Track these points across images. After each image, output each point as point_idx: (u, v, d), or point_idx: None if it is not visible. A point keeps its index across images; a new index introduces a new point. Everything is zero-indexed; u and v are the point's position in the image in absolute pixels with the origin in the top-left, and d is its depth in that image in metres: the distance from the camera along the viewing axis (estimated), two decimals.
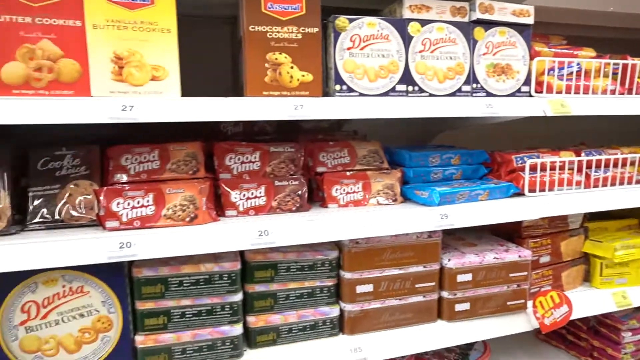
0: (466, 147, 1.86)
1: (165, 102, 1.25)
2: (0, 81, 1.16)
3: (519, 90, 1.68)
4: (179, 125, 1.35)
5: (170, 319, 1.39)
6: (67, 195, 1.36)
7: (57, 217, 1.34)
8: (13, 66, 1.16)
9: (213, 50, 1.94)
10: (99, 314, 1.35)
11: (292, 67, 1.37)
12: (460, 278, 1.66)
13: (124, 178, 1.39)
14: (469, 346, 1.89)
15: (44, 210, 1.34)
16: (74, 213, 1.35)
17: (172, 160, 1.44)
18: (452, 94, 1.59)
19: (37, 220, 1.33)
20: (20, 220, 1.34)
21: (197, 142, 1.49)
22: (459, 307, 1.68)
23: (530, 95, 1.71)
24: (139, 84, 1.25)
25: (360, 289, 1.58)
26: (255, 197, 1.50)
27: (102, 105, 1.20)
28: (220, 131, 1.72)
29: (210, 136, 1.62)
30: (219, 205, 1.49)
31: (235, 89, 1.91)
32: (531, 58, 1.69)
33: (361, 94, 1.48)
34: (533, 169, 1.73)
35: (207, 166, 1.50)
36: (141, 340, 1.38)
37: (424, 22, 1.54)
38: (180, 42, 1.29)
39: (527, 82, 1.69)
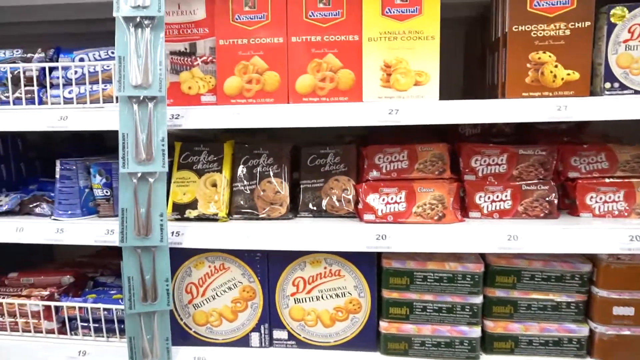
0: None
1: (426, 105, 1.32)
2: (294, 91, 1.39)
3: None
4: (416, 126, 1.41)
5: (412, 311, 1.47)
6: (329, 188, 1.55)
7: (321, 207, 1.54)
8: (304, 78, 1.38)
9: (445, 51, 1.97)
10: (351, 297, 1.51)
11: (556, 66, 1.30)
12: None
13: (377, 175, 1.52)
14: None
15: (311, 200, 1.55)
16: (335, 205, 1.54)
17: (420, 160, 1.52)
18: None
19: (306, 208, 1.55)
20: (292, 208, 1.58)
21: (443, 144, 1.53)
22: None
23: None
24: (404, 89, 1.35)
25: (617, 310, 1.41)
26: (501, 200, 1.47)
27: (373, 110, 1.33)
28: (458, 132, 1.73)
29: (449, 137, 1.65)
30: (463, 207, 1.51)
31: (468, 90, 1.91)
32: None
33: (636, 92, 1.31)
34: None
35: (451, 166, 1.53)
36: (385, 327, 1.49)
37: None
38: None
39: None
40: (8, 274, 1.78)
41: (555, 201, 1.46)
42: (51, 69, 1.55)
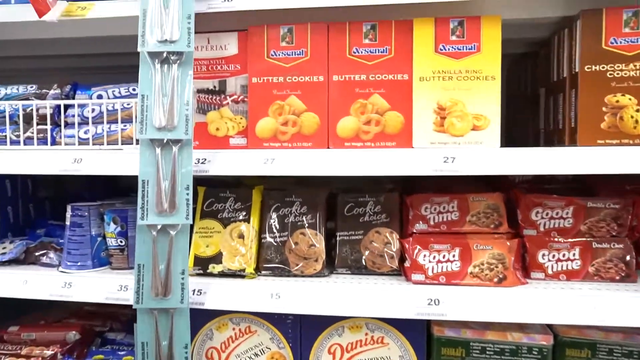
0: None
1: (487, 153, 1.16)
2: (335, 135, 1.24)
3: None
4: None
5: None
6: (370, 241, 1.38)
7: (361, 262, 1.37)
8: (346, 120, 1.24)
9: None
10: None
11: (637, 111, 1.14)
12: None
13: (424, 228, 1.35)
14: None
15: (349, 255, 1.38)
16: (376, 260, 1.36)
17: (472, 212, 1.35)
18: None
19: (343, 264, 1.38)
20: (327, 262, 1.41)
21: (498, 193, 1.36)
22: None
23: None
24: (460, 134, 1.20)
25: None
26: (568, 259, 1.29)
27: (425, 157, 1.17)
28: (507, 178, 1.56)
29: (496, 183, 1.48)
30: (523, 265, 1.33)
31: (513, 134, 1.75)
32: None
33: None
34: None
35: (508, 219, 1.35)
36: None
37: None
38: None
39: None
40: (8, 328, 1.62)
41: (633, 261, 1.28)
42: (66, 106, 1.42)
